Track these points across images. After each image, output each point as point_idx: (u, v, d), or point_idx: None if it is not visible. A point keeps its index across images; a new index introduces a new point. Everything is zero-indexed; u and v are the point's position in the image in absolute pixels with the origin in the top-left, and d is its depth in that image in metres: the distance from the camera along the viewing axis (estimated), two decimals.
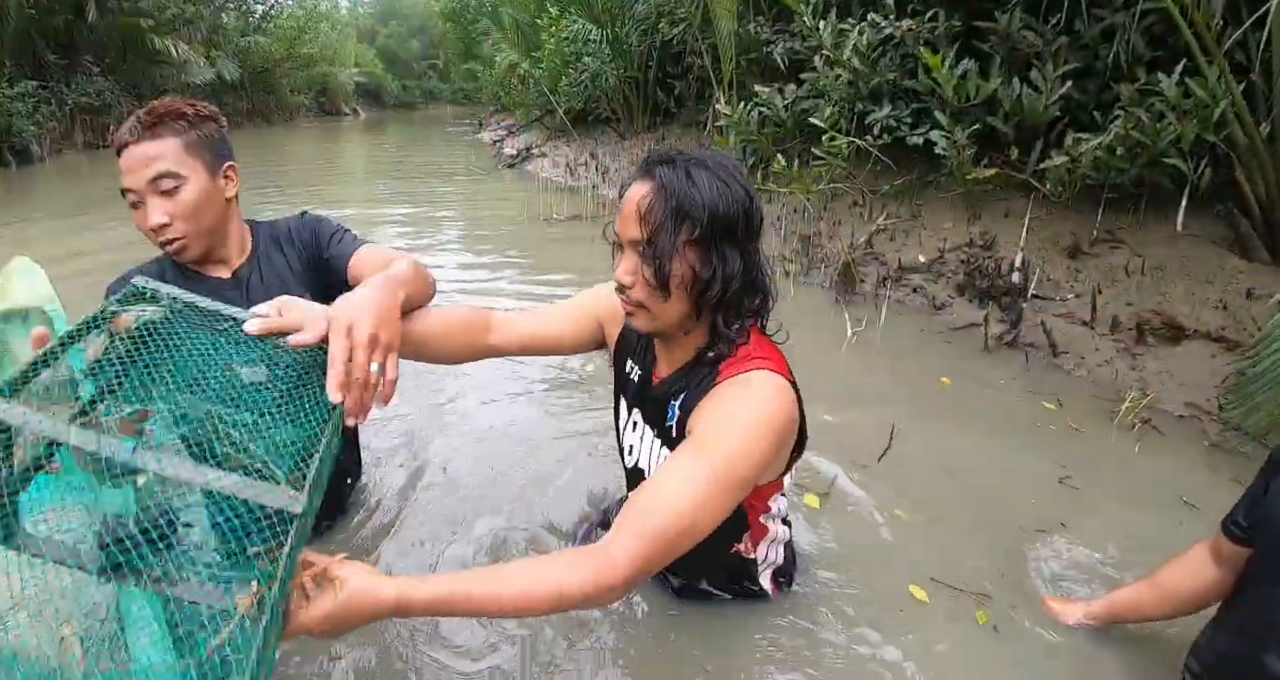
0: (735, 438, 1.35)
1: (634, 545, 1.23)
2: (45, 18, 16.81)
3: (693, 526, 1.28)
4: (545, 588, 1.17)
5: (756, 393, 1.41)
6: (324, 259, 1.89)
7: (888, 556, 2.12)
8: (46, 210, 9.06)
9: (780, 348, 1.57)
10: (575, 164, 10.13)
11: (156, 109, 1.72)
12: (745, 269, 1.42)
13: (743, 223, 1.40)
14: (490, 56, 21.86)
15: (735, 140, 6.00)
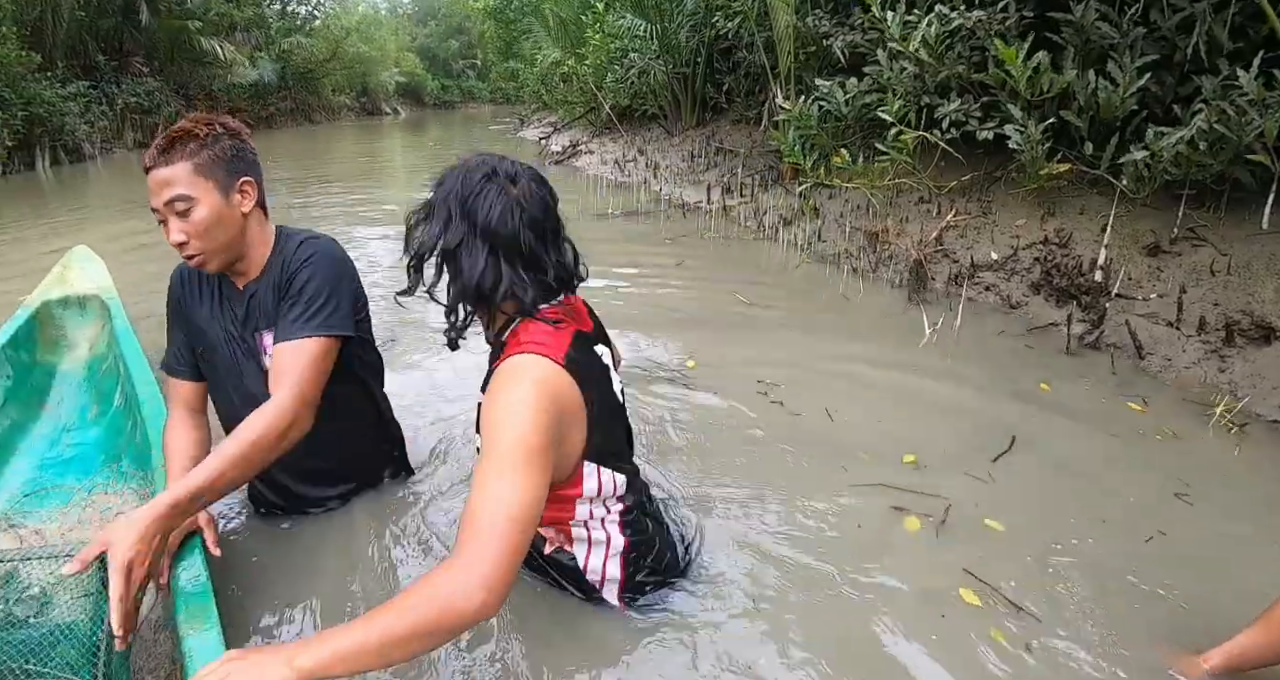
0: (496, 426, 1.41)
1: (483, 547, 1.28)
2: (96, 20, 17.08)
3: (519, 513, 1.33)
4: (432, 604, 1.23)
5: (506, 377, 1.48)
6: (278, 313, 1.90)
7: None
8: (98, 204, 9.24)
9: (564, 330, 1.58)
10: (624, 160, 10.04)
11: (170, 133, 1.79)
12: (482, 276, 1.54)
13: (488, 238, 1.54)
14: (531, 55, 21.94)
15: (793, 135, 5.91)
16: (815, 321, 4.14)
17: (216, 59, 20.95)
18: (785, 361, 3.46)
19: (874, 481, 2.42)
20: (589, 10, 12.83)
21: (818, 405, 2.99)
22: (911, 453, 2.59)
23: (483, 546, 1.28)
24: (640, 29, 10.14)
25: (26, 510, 2.05)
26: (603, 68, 11.68)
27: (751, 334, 3.92)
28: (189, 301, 1.98)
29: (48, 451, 2.55)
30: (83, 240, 3.93)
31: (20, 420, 2.63)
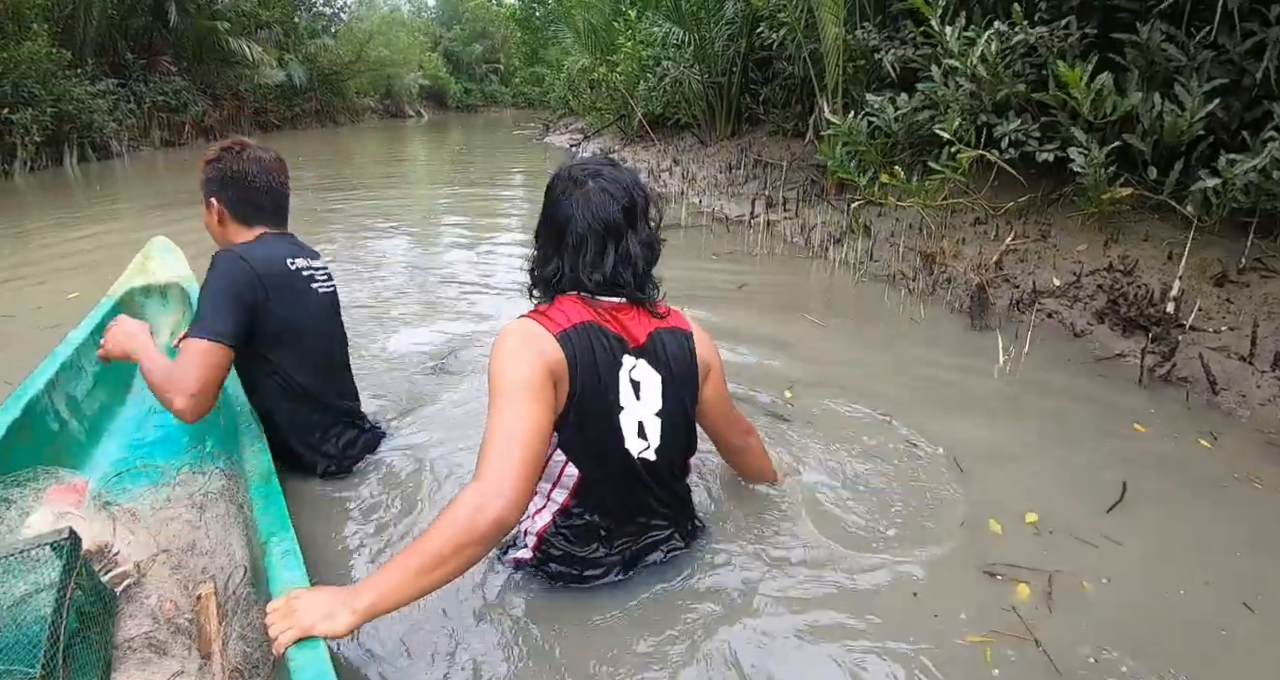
0: (492, 375, 1.61)
1: (496, 464, 1.48)
2: (126, 19, 17.13)
3: (521, 434, 1.51)
4: (456, 520, 1.41)
5: (501, 335, 1.68)
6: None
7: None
8: (127, 201, 9.24)
9: (574, 304, 1.74)
10: (658, 170, 9.89)
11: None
12: (542, 256, 1.79)
13: (551, 227, 1.77)
14: (558, 60, 21.91)
15: (841, 150, 5.81)
16: (890, 349, 3.96)
17: (244, 59, 20.96)
18: (877, 393, 3.27)
19: (988, 545, 2.22)
20: (620, 17, 12.77)
21: (932, 447, 2.80)
22: (1030, 510, 2.39)
23: (495, 464, 1.47)
24: (676, 37, 10.08)
25: (120, 489, 2.12)
26: (634, 75, 11.60)
27: (833, 361, 3.75)
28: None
29: (135, 433, 2.67)
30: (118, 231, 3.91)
31: (109, 404, 2.76)
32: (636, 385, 1.76)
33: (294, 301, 2.28)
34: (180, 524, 1.94)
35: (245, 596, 1.68)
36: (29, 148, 12.75)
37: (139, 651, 1.55)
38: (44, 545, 1.42)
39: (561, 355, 1.63)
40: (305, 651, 1.36)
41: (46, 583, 1.42)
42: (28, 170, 12.66)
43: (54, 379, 2.47)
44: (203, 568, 1.80)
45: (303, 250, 2.42)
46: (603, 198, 1.70)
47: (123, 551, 1.75)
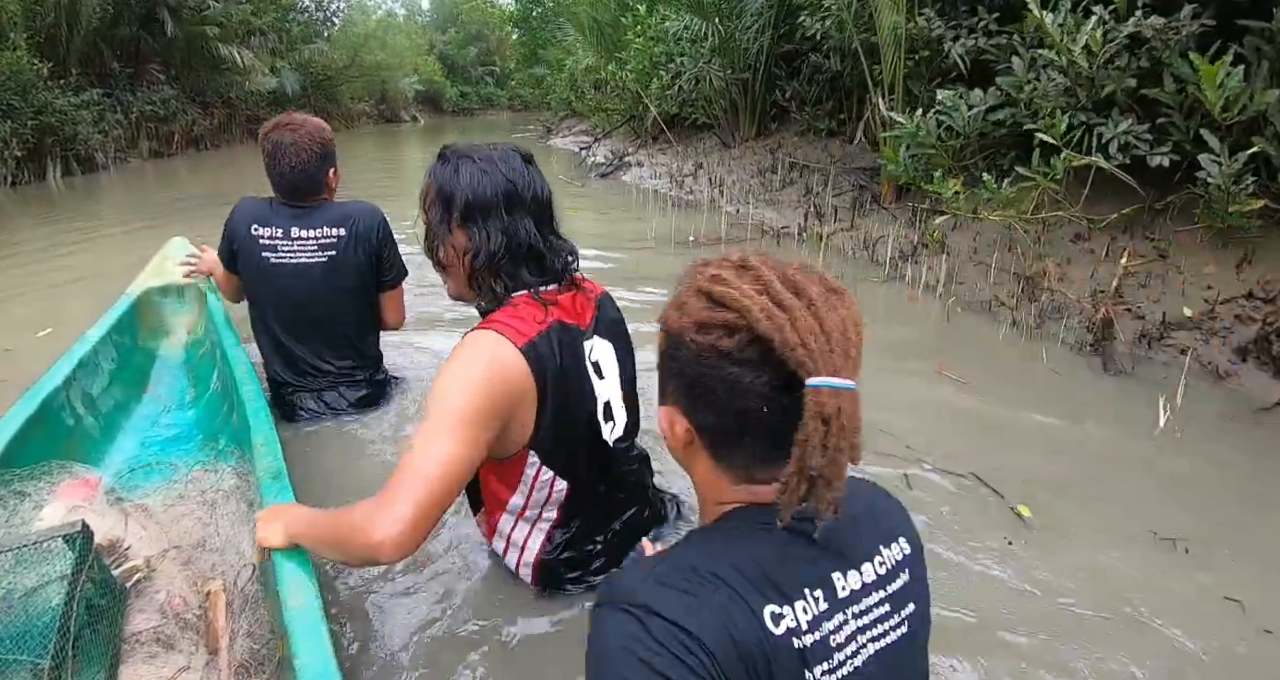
0: (439, 392, 1.48)
1: (401, 493, 1.38)
2: (113, 27, 16.47)
3: (439, 472, 1.40)
4: (346, 531, 1.41)
5: (463, 348, 1.54)
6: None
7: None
8: (113, 220, 8.52)
9: (543, 307, 1.62)
10: (680, 174, 9.18)
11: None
12: (507, 242, 1.61)
13: (502, 204, 1.61)
14: (559, 60, 21.25)
15: (905, 153, 5.17)
16: (1018, 404, 3.20)
17: (235, 66, 20.31)
18: (1027, 470, 2.62)
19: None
20: (628, 12, 12.11)
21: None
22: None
23: (401, 493, 1.38)
24: (696, 30, 9.41)
25: (132, 485, 2.16)
26: (646, 73, 10.93)
27: (965, 424, 3.07)
28: None
29: (149, 431, 2.70)
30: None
31: (123, 401, 2.78)
32: (597, 365, 1.72)
33: (247, 260, 2.62)
34: (191, 521, 1.97)
35: (253, 594, 1.69)
36: (9, 162, 12.18)
37: (147, 645, 1.57)
38: (57, 537, 1.44)
39: (524, 371, 1.54)
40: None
41: (58, 575, 1.44)
42: (8, 186, 12.12)
43: (71, 376, 2.49)
44: (212, 565, 1.82)
45: (295, 220, 2.62)
46: (499, 181, 1.64)
47: (133, 546, 1.78)
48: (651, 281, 4.72)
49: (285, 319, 2.65)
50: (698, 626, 0.81)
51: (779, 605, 0.86)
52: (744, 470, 0.94)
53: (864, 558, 0.94)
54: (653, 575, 0.88)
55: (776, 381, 0.84)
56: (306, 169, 2.57)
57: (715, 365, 0.87)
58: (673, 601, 0.83)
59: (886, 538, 0.98)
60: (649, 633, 0.81)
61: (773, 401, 0.85)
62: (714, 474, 0.97)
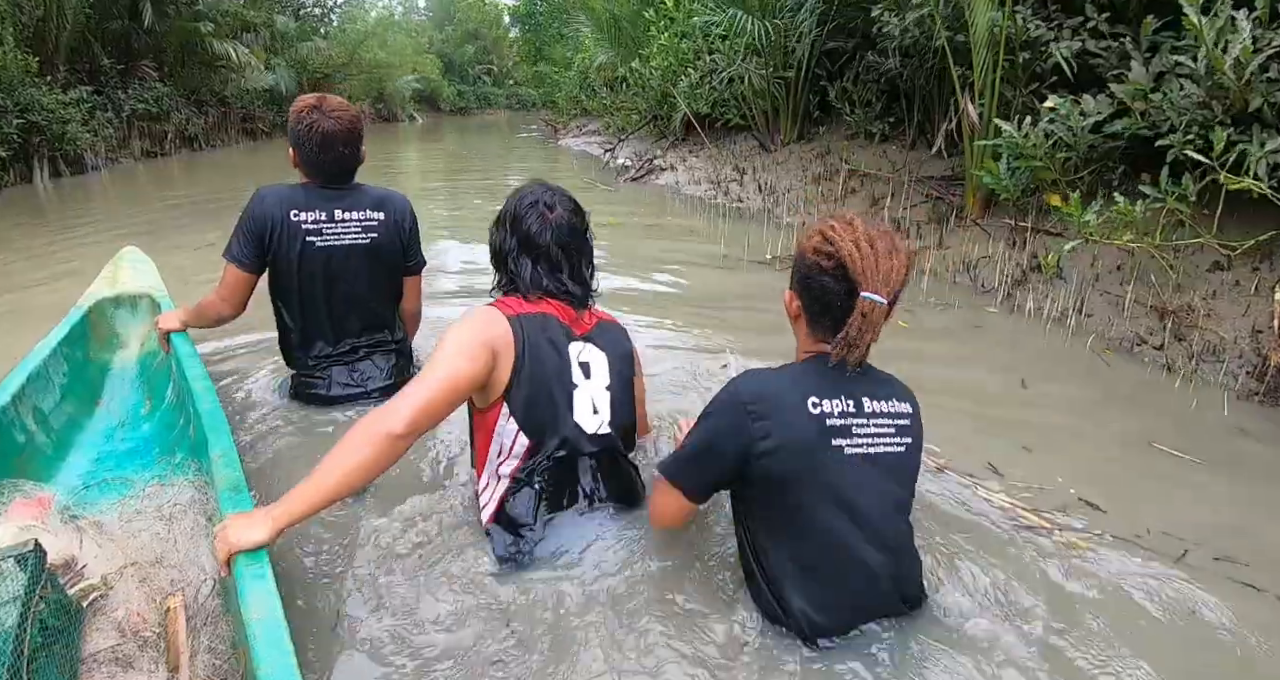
0: (447, 332, 1.89)
1: (404, 397, 1.75)
2: (103, 22, 15.75)
3: (432, 381, 1.77)
4: (359, 428, 1.70)
5: (468, 312, 1.97)
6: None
7: None
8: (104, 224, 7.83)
9: (529, 301, 1.98)
10: (721, 180, 8.51)
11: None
12: (497, 252, 2.09)
13: (503, 226, 2.07)
14: (567, 58, 20.63)
15: (1006, 166, 4.56)
16: (1209, 471, 2.66)
17: (229, 63, 19.61)
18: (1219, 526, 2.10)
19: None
20: (651, 7, 11.48)
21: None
22: None
23: (403, 397, 1.74)
24: (731, 25, 8.80)
25: (87, 502, 2.11)
26: (673, 70, 10.30)
27: (1142, 474, 2.60)
28: None
29: (103, 445, 2.63)
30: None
31: (76, 416, 2.71)
32: (585, 366, 1.98)
33: (288, 247, 2.56)
34: (148, 536, 1.92)
35: (214, 609, 1.69)
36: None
37: (105, 665, 1.55)
38: (7, 557, 1.42)
39: (509, 331, 1.89)
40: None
41: (9, 596, 1.39)
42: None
43: (20, 391, 2.43)
44: (171, 580, 1.78)
45: (335, 202, 2.64)
46: (559, 221, 2.01)
47: (89, 564, 1.75)
48: (754, 300, 4.43)
49: (330, 298, 2.67)
50: (754, 400, 1.62)
51: (819, 399, 1.62)
52: (819, 334, 1.71)
53: (883, 397, 1.69)
54: (754, 372, 1.74)
55: (845, 291, 1.59)
56: (356, 155, 2.65)
57: (817, 274, 1.64)
58: (752, 385, 1.67)
59: (900, 398, 1.72)
60: (728, 394, 1.68)
61: (841, 300, 1.60)
62: (806, 333, 1.76)
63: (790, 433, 1.59)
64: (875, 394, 1.67)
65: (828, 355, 1.63)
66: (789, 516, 1.64)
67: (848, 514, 1.61)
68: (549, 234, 1.98)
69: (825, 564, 1.64)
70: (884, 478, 1.65)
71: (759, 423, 1.59)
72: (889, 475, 1.66)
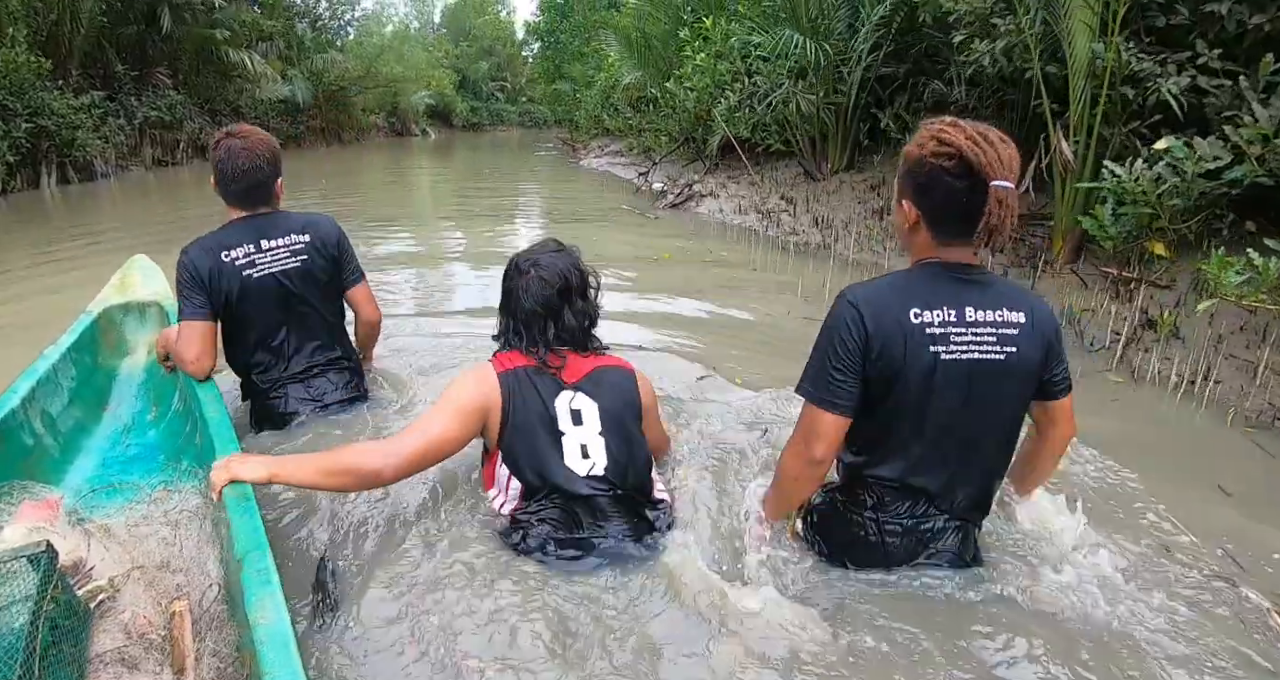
0: (447, 388, 2.06)
1: (401, 441, 1.93)
2: (118, 26, 15.43)
3: (425, 431, 1.95)
4: (359, 453, 1.93)
5: (469, 369, 2.14)
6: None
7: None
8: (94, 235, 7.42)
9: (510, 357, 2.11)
10: (767, 210, 8.03)
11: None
12: (503, 325, 2.20)
13: (505, 305, 2.20)
14: (589, 76, 20.26)
15: (1112, 212, 4.12)
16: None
17: (245, 72, 19.34)
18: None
19: None
20: (685, 26, 11.09)
21: None
22: None
23: (405, 440, 1.93)
24: (765, 48, 8.40)
25: (94, 505, 2.12)
26: (709, 92, 9.89)
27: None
28: None
29: (110, 451, 2.65)
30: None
31: (84, 421, 2.71)
32: (576, 413, 2.06)
33: (228, 286, 2.58)
34: (155, 541, 1.93)
35: (219, 613, 1.70)
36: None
37: (112, 666, 1.56)
38: (20, 557, 1.43)
39: (498, 389, 2.03)
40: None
41: (19, 596, 1.41)
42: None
43: (29, 395, 2.44)
44: (177, 585, 1.80)
45: (259, 232, 2.65)
46: (540, 285, 2.09)
47: (97, 567, 1.75)
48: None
49: (272, 327, 2.70)
50: (862, 307, 1.73)
51: (920, 309, 1.72)
52: (943, 238, 1.76)
53: (990, 307, 1.73)
54: (867, 284, 1.83)
55: (969, 186, 1.64)
56: (256, 174, 2.63)
57: (939, 176, 1.67)
58: (862, 294, 1.76)
59: (1013, 307, 1.75)
60: (844, 307, 1.76)
61: (967, 196, 1.65)
62: (925, 240, 1.79)
63: (891, 340, 1.72)
64: (982, 303, 1.74)
65: (936, 265, 1.78)
66: (888, 417, 1.80)
67: (939, 411, 1.76)
68: (529, 301, 2.10)
69: (907, 454, 1.83)
70: (980, 383, 1.75)
71: (865, 327, 1.72)
72: (986, 381, 1.75)
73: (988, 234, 1.65)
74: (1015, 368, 1.74)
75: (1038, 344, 1.75)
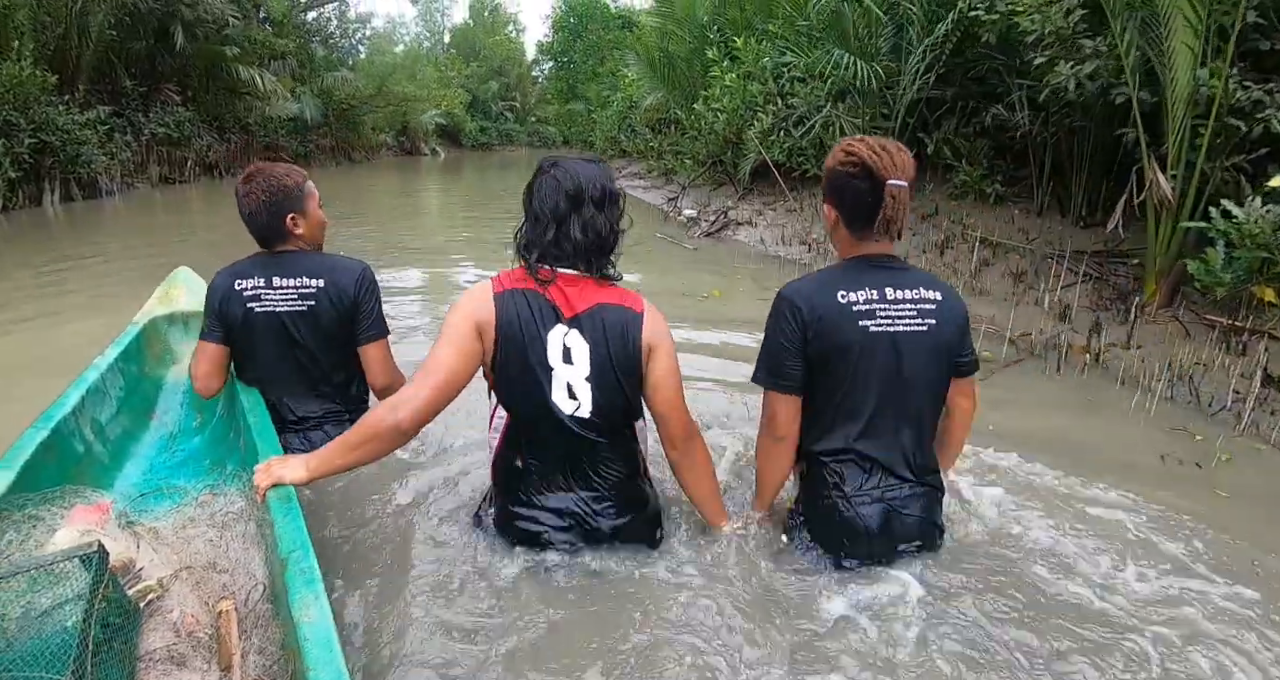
0: (447, 316, 2.03)
1: (407, 388, 1.96)
2: (128, 42, 15.11)
3: (427, 373, 1.93)
4: (371, 418, 1.94)
5: (469, 289, 2.08)
6: None
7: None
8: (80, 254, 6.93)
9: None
10: (815, 239, 7.56)
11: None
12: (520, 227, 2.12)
13: (524, 204, 2.11)
14: (604, 97, 19.96)
15: (1224, 256, 3.70)
16: None
17: (255, 89, 18.99)
18: None
19: None
20: (712, 45, 10.72)
21: None
22: None
23: (412, 387, 1.94)
24: (801, 68, 8.01)
25: (142, 509, 2.15)
26: (739, 114, 9.49)
27: None
28: None
29: (157, 457, 2.70)
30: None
31: (131, 428, 2.77)
32: (567, 351, 2.00)
33: (233, 314, 2.62)
34: (202, 543, 1.98)
35: (264, 613, 1.72)
36: (0, 184, 10.71)
37: (161, 663, 1.60)
38: (73, 558, 1.48)
39: (492, 310, 1.98)
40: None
41: (70, 596, 1.48)
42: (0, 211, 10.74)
43: (80, 403, 2.49)
44: (223, 585, 1.84)
45: (274, 269, 2.64)
46: (552, 185, 2.01)
47: (146, 568, 1.80)
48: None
49: (270, 366, 2.68)
50: (796, 297, 2.02)
51: (845, 291, 1.99)
52: (856, 232, 2.04)
53: (907, 287, 2.01)
54: (798, 280, 2.11)
55: (872, 187, 1.91)
56: (257, 219, 2.64)
57: (847, 181, 1.96)
58: (793, 288, 2.05)
59: (928, 287, 2.04)
60: (780, 301, 2.06)
61: (870, 196, 1.93)
62: (845, 236, 2.08)
63: (824, 320, 1.99)
64: (899, 284, 2.02)
65: (858, 258, 2.08)
66: (829, 390, 2.05)
67: (873, 379, 2.02)
68: (538, 202, 2.03)
69: (849, 421, 2.06)
70: (907, 352, 2.01)
71: (801, 314, 2.00)
72: (911, 350, 2.01)
73: (885, 224, 1.95)
74: (935, 338, 2.01)
75: (951, 320, 2.04)
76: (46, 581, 1.50)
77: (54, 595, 1.49)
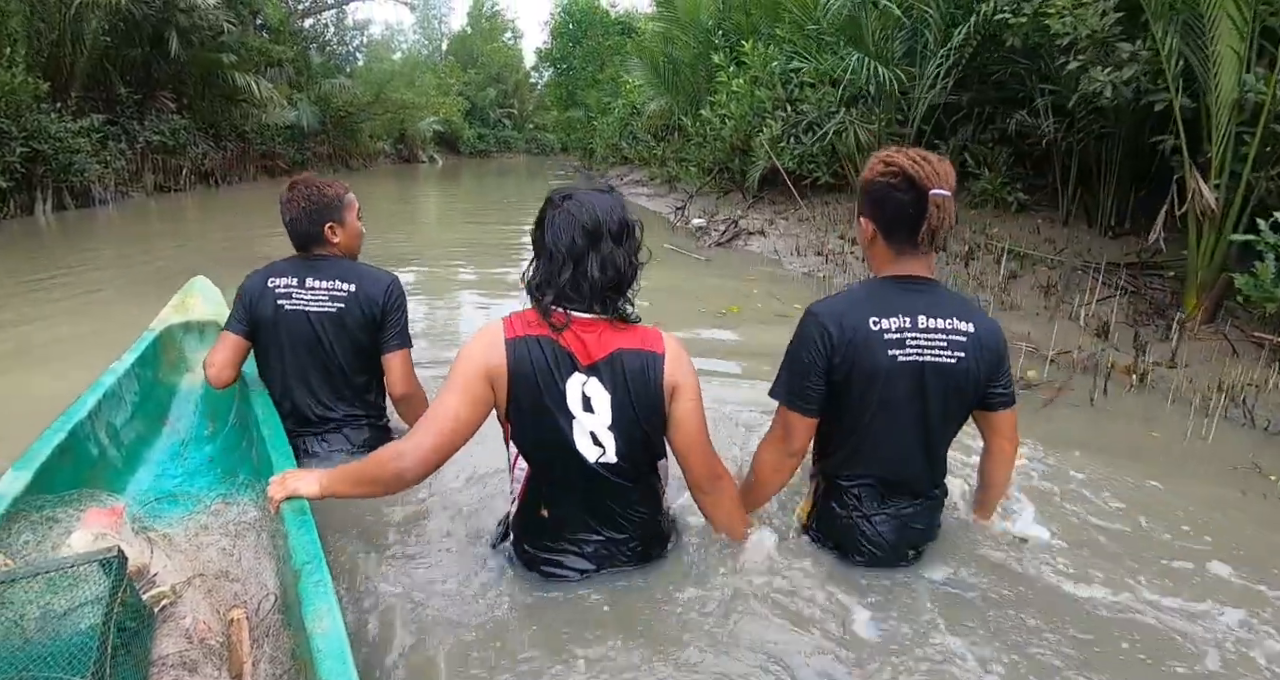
0: (456, 360, 1.94)
1: (414, 435, 1.90)
2: (122, 49, 14.91)
3: (434, 421, 1.89)
4: (375, 461, 1.92)
5: (479, 330, 2.00)
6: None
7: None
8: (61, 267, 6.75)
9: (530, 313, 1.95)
10: (830, 252, 7.28)
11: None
12: (531, 266, 2.00)
13: (535, 242, 2.00)
14: (605, 103, 19.77)
15: (1276, 271, 3.50)
16: None
17: (251, 97, 18.78)
18: None
19: None
20: (718, 50, 10.53)
21: None
22: None
23: (418, 434, 1.89)
24: (810, 73, 7.82)
25: (155, 514, 2.19)
26: (747, 120, 9.30)
27: None
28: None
29: (169, 463, 2.75)
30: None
31: (145, 434, 2.81)
32: (587, 400, 1.91)
33: (263, 310, 2.70)
34: (214, 551, 2.00)
35: (274, 622, 1.75)
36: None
37: (173, 669, 1.62)
38: (93, 561, 1.51)
39: (504, 356, 1.88)
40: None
41: (86, 598, 1.49)
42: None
43: (96, 408, 2.52)
44: (235, 593, 1.87)
45: (308, 271, 2.73)
46: (568, 219, 1.89)
47: (159, 574, 1.82)
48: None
49: (295, 364, 2.73)
50: (826, 319, 1.95)
51: (878, 317, 1.93)
52: (896, 245, 1.97)
53: (941, 315, 1.95)
54: (829, 298, 2.06)
55: (915, 198, 1.86)
56: (298, 225, 2.73)
57: (887, 192, 1.90)
58: (825, 308, 1.99)
59: (961, 317, 1.96)
60: (810, 320, 1.98)
61: (912, 208, 1.87)
62: (883, 250, 2.00)
63: (853, 345, 1.95)
64: (932, 311, 1.97)
65: (892, 278, 2.02)
66: (853, 416, 2.02)
67: (894, 407, 1.99)
68: (552, 239, 1.93)
69: (872, 449, 2.05)
70: (932, 383, 1.97)
71: (830, 337, 1.95)
72: (937, 381, 1.97)
73: (930, 235, 1.89)
74: (962, 372, 1.96)
75: (982, 354, 1.97)
76: (65, 584, 1.51)
77: (72, 597, 1.51)
